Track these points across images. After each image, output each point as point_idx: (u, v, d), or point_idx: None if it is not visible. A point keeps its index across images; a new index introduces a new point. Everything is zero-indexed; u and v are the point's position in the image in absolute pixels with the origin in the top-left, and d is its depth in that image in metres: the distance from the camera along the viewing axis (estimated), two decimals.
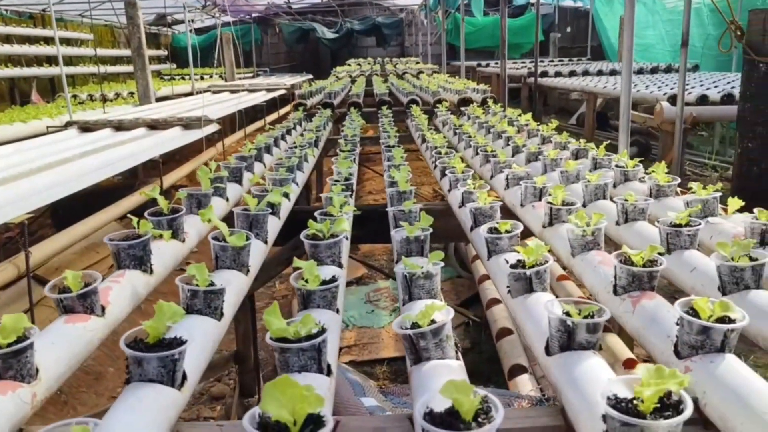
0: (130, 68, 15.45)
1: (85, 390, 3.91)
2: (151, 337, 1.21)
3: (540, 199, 2.43)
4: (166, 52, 17.20)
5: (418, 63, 14.53)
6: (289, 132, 4.69)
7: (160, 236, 2.01)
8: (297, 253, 3.59)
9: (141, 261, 1.81)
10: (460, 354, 1.33)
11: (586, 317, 1.24)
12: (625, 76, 3.92)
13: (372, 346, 3.80)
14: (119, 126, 6.96)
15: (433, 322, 1.27)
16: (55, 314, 1.51)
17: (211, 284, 1.51)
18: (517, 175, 2.73)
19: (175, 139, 6.45)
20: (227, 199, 2.79)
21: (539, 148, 3.33)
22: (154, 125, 7.01)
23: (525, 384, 3.01)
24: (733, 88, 6.16)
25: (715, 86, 6.32)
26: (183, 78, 13.72)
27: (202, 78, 13.93)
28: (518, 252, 1.63)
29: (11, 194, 3.72)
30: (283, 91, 12.13)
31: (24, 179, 4.11)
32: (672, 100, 5.79)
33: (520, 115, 4.59)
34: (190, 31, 17.88)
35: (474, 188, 2.45)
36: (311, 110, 5.78)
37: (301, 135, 4.34)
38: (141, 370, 1.18)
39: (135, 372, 1.18)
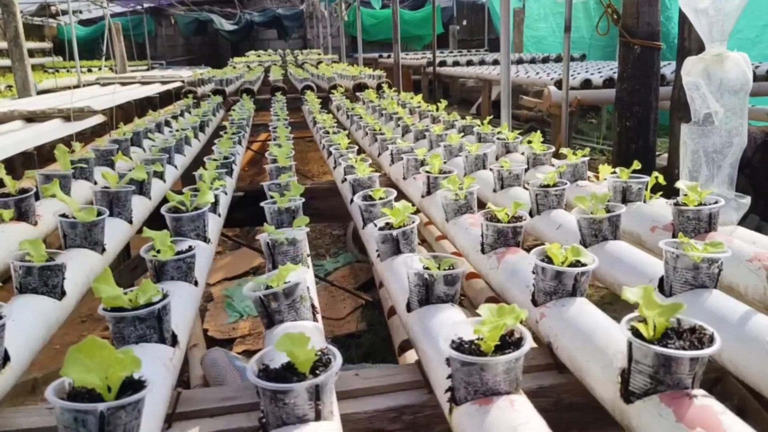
0: (7, 62, 14.36)
1: None
2: None
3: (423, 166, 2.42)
4: (50, 45, 16.12)
5: (319, 54, 14.40)
6: (175, 118, 4.47)
7: (16, 211, 1.83)
8: None
9: None
10: (319, 316, 1.27)
11: (444, 270, 1.21)
12: (504, 52, 4.05)
13: (257, 336, 3.69)
14: None
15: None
16: None
17: (50, 260, 1.38)
18: (401, 150, 2.71)
19: (54, 131, 6.03)
20: (95, 182, 2.60)
21: (427, 127, 3.34)
22: (31, 117, 6.53)
23: (414, 358, 2.99)
24: (614, 73, 6.48)
25: (599, 72, 6.62)
26: (69, 71, 12.90)
27: (89, 71, 13.16)
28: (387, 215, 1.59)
29: None
30: (178, 84, 11.64)
31: None
32: (558, 84, 6.01)
33: (412, 97, 4.61)
34: (80, 23, 16.87)
35: (355, 162, 2.40)
36: (202, 98, 5.56)
37: (171, 131, 4.15)
38: None
39: None
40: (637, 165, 1.87)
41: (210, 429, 1.09)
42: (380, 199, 1.84)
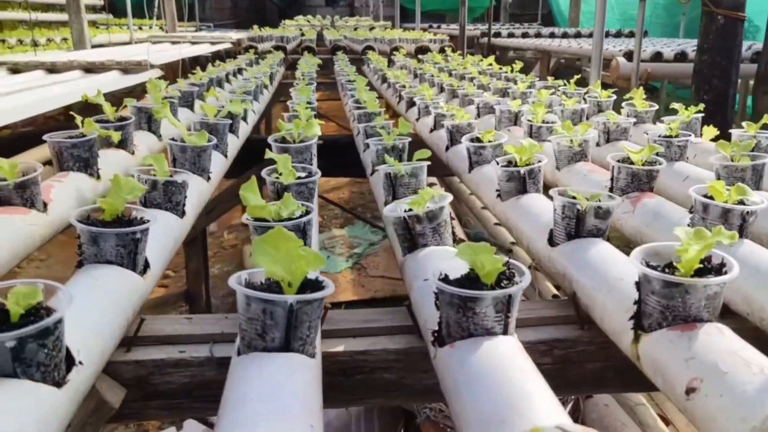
0: (61, 16, 14.53)
1: None
2: (107, 213, 1.04)
3: (515, 124, 2.34)
4: (102, 2, 16.22)
5: (369, 22, 14.23)
6: (240, 71, 4.43)
7: (108, 143, 1.80)
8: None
9: (87, 163, 1.61)
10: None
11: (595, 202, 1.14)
12: (599, 14, 3.91)
13: None
14: (52, 68, 6.48)
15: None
16: None
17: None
18: (488, 104, 2.62)
19: (113, 82, 6.06)
20: (178, 121, 2.58)
21: (508, 85, 3.23)
22: (90, 68, 6.56)
23: None
24: (683, 47, 6.23)
25: (668, 47, 6.37)
26: (120, 28, 13.00)
27: (140, 29, 13.23)
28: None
29: None
30: (228, 45, 11.63)
31: None
32: (628, 56, 5.80)
33: (481, 60, 4.49)
34: None
35: (451, 110, 2.32)
36: (263, 54, 5.51)
37: (247, 77, 4.11)
38: (97, 249, 1.00)
39: (89, 252, 1.01)
40: (767, 119, 1.76)
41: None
42: (489, 142, 1.76)
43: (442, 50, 5.57)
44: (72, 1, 9.16)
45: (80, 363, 0.77)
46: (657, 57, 5.84)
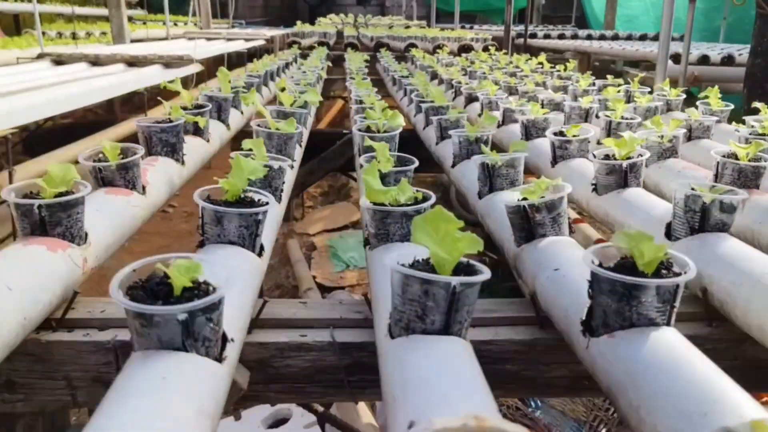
0: (100, 11, 14.73)
1: None
2: (230, 194, 1.03)
3: (586, 120, 2.29)
4: None
5: (403, 21, 14.21)
6: (287, 66, 4.44)
7: (194, 127, 1.81)
8: (313, 178, 3.40)
9: (174, 149, 1.61)
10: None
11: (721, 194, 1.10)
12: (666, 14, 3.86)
13: None
14: (95, 61, 6.55)
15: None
16: None
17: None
18: (553, 100, 2.58)
19: (156, 76, 6.10)
20: (242, 112, 2.58)
21: (564, 83, 3.18)
22: (132, 62, 6.62)
23: None
24: (729, 52, 6.11)
25: (713, 51, 6.25)
26: (156, 24, 13.12)
27: (175, 24, 13.34)
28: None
29: None
30: (262, 41, 11.70)
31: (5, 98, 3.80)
32: (674, 59, 5.70)
33: (529, 58, 4.44)
34: None
35: (516, 105, 2.29)
36: (305, 50, 5.52)
37: (303, 70, 4.11)
38: (221, 229, 0.99)
39: (212, 233, 1.00)
40: None
41: None
42: (574, 136, 1.73)
43: (485, 49, 5.52)
44: None
45: (232, 340, 0.76)
46: (704, 60, 5.74)
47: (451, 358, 0.68)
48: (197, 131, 1.88)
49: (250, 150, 1.32)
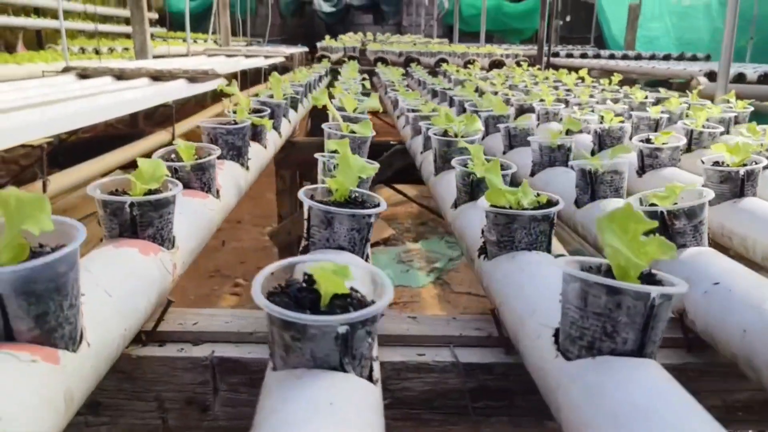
0: (120, 28, 14.87)
1: None
2: (338, 194, 0.92)
3: (656, 131, 2.18)
4: (157, 16, 16.58)
5: (424, 39, 14.23)
6: (320, 79, 4.38)
7: (252, 132, 1.71)
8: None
9: (239, 153, 1.51)
10: None
11: None
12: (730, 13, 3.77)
13: (413, 305, 3.52)
14: (120, 75, 6.52)
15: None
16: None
17: None
18: (614, 111, 2.47)
19: (180, 90, 6.05)
20: (289, 121, 2.49)
21: (615, 95, 3.08)
22: (157, 76, 6.59)
23: None
24: (767, 71, 5.99)
25: (750, 69, 6.14)
26: (176, 41, 13.18)
27: (195, 42, 13.41)
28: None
29: (16, 122, 3.35)
30: (282, 58, 11.72)
31: (26, 111, 3.74)
32: (709, 76, 5.59)
33: (568, 73, 4.34)
34: None
35: (581, 115, 2.18)
36: (334, 64, 5.46)
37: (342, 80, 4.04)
38: (330, 233, 0.88)
39: (320, 236, 0.89)
40: None
41: None
42: (663, 144, 1.61)
43: (518, 64, 5.44)
44: (136, 12, 9.30)
45: (376, 358, 0.64)
46: (740, 78, 5.61)
47: (660, 383, 0.57)
48: (255, 136, 1.79)
49: (335, 151, 1.22)
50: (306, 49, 16.19)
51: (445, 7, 15.25)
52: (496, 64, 5.47)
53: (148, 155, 3.76)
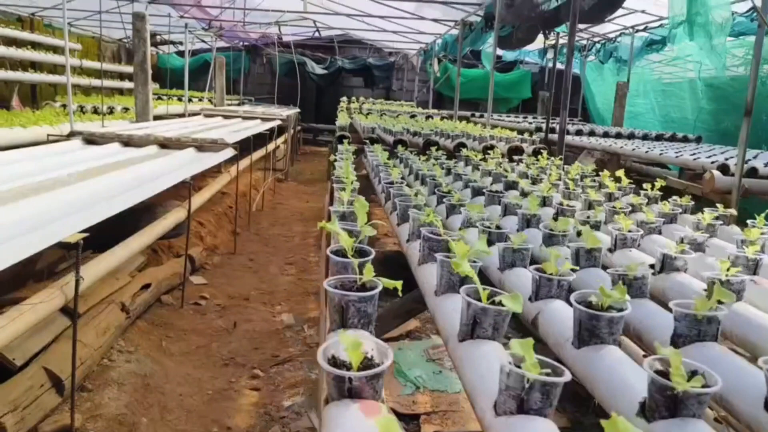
0: (116, 83, 14.80)
1: None
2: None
3: (755, 274, 2.12)
4: (150, 71, 16.60)
5: (412, 107, 14.43)
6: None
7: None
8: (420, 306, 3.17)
9: (369, 320, 1.40)
10: None
11: None
12: None
13: (454, 415, 3.36)
14: (128, 142, 6.44)
15: None
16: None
17: None
18: (694, 240, 2.42)
19: (192, 160, 5.95)
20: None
21: (673, 211, 3.05)
22: (165, 144, 6.51)
23: None
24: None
25: (762, 162, 6.21)
26: (170, 99, 13.14)
27: (190, 100, 13.41)
28: None
29: (57, 206, 3.20)
30: (278, 122, 11.72)
31: (60, 189, 3.60)
32: (721, 169, 5.69)
33: (598, 173, 4.34)
34: (178, 53, 17.39)
35: (675, 250, 2.12)
36: (359, 145, 5.42)
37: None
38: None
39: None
40: None
41: None
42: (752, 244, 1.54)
43: (535, 153, 5.47)
44: (140, 74, 9.29)
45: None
46: (752, 173, 5.72)
47: None
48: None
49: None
50: (298, 109, 16.32)
51: (436, 75, 15.55)
52: (516, 150, 5.50)
53: (165, 237, 3.62)
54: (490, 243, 2.09)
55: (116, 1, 10.03)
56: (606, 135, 10.27)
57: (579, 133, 10.26)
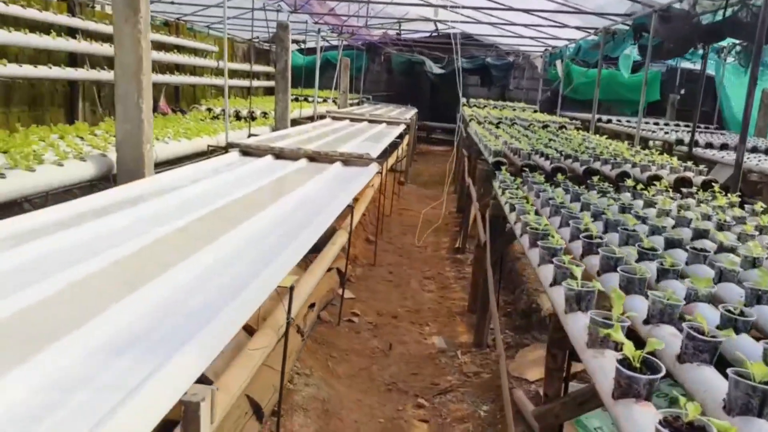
0: (245, 82, 15.43)
1: None
2: None
3: None
4: (274, 69, 17.21)
5: (535, 111, 14.12)
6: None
7: None
8: None
9: None
10: None
11: None
12: None
13: None
14: (280, 154, 6.70)
15: None
16: None
17: None
18: None
19: (357, 175, 6.09)
20: None
21: None
22: (314, 157, 6.73)
23: None
24: None
25: None
26: (296, 99, 13.52)
27: (306, 100, 13.75)
28: None
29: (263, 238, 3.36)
30: (404, 126, 11.82)
31: (257, 215, 3.77)
32: None
33: None
34: (299, 51, 17.89)
35: None
36: (517, 173, 5.35)
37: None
38: None
39: None
40: None
41: None
42: None
43: (706, 186, 5.17)
44: (281, 81, 9.65)
45: None
46: None
47: None
48: None
49: None
50: (415, 110, 16.37)
51: (559, 75, 15.10)
52: (683, 182, 5.23)
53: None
54: (736, 331, 2.01)
55: (263, 11, 10.42)
56: (755, 149, 9.59)
57: (724, 147, 9.65)
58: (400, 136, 11.06)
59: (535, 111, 14.01)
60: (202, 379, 2.04)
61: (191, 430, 1.98)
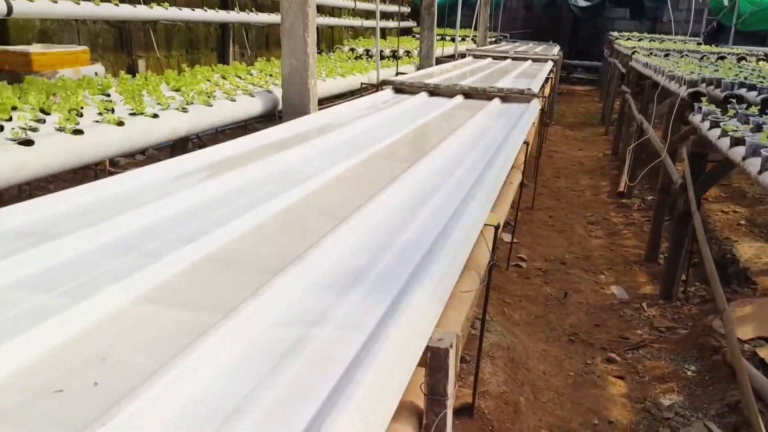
0: (382, 23, 15.11)
1: None
2: None
3: None
4: (408, 9, 16.72)
5: (699, 44, 12.71)
6: None
7: None
8: None
9: None
10: None
11: None
12: None
13: None
14: (434, 91, 6.37)
15: None
16: None
17: None
18: None
19: (525, 112, 5.63)
20: None
21: None
22: (470, 93, 6.35)
23: None
24: None
25: None
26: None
27: (452, 40, 13.17)
28: None
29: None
30: (552, 63, 11.01)
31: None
32: None
33: None
34: None
35: None
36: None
37: None
38: None
39: None
40: None
41: None
42: None
43: None
44: (427, 18, 9.22)
45: None
46: None
47: None
48: None
49: None
50: (558, 47, 15.32)
51: (725, 4, 13.42)
52: None
53: None
54: None
55: None
56: None
57: None
58: (550, 73, 10.33)
59: (699, 44, 12.58)
60: None
61: (439, 379, 1.74)
